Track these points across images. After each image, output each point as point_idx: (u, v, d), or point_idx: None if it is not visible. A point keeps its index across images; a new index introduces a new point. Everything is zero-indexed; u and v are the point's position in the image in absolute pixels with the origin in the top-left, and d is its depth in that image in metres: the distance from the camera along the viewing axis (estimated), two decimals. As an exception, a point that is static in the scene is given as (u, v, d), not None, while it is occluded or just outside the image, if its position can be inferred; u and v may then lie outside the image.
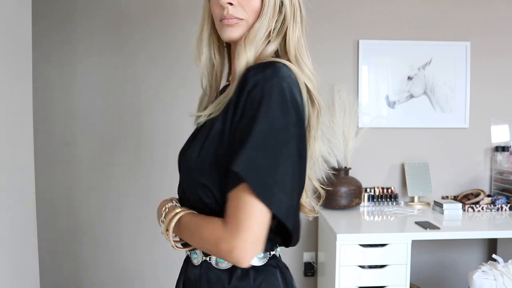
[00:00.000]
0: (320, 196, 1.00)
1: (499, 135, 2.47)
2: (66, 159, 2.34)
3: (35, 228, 1.63)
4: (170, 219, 0.88)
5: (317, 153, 0.93)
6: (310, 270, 2.41)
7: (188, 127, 1.02)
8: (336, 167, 2.32)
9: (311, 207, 0.99)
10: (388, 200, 2.39)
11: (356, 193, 2.25)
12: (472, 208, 2.25)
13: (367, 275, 1.86)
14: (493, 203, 2.27)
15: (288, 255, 2.40)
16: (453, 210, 2.20)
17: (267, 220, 0.76)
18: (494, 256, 1.84)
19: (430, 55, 2.41)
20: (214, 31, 0.94)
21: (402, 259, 1.84)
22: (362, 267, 1.86)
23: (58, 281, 2.36)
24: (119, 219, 2.36)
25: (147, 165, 2.35)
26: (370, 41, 2.39)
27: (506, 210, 2.26)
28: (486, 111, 2.46)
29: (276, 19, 0.88)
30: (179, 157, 0.94)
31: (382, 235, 1.88)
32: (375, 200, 2.38)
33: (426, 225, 1.93)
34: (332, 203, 2.24)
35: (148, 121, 2.35)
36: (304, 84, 0.85)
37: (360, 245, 1.85)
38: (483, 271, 1.78)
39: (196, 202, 0.87)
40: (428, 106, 2.43)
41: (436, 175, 2.43)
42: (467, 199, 2.34)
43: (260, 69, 0.80)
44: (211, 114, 0.87)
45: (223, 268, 0.88)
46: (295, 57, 0.89)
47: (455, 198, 2.40)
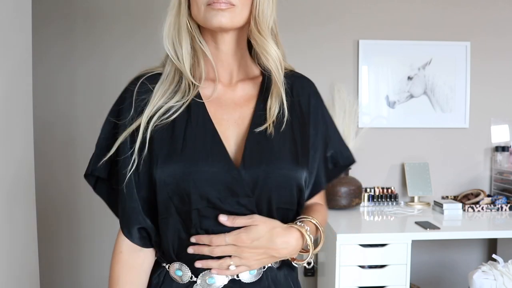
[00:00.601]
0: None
1: (499, 135, 2.47)
2: (66, 159, 2.34)
3: (35, 228, 1.63)
4: (315, 234, 0.91)
5: None
6: (310, 270, 2.41)
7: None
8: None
9: None
10: (388, 200, 2.39)
11: (356, 193, 2.25)
12: (472, 208, 2.25)
13: (367, 275, 1.85)
14: (493, 203, 2.27)
15: (288, 255, 2.40)
16: (453, 210, 2.20)
17: None
18: (494, 256, 1.84)
19: (430, 55, 2.41)
20: (191, 17, 0.84)
21: (402, 259, 1.84)
22: (362, 267, 1.86)
23: (58, 281, 2.36)
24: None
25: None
26: (370, 41, 2.39)
27: (506, 210, 2.26)
28: (486, 111, 2.46)
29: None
30: (258, 167, 0.88)
31: (382, 235, 1.88)
32: (375, 200, 2.38)
33: (426, 225, 1.93)
34: (332, 203, 2.24)
35: (148, 121, 2.34)
36: None
37: (360, 245, 1.84)
38: (483, 271, 1.78)
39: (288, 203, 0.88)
40: (428, 106, 2.43)
41: (436, 175, 2.43)
42: (467, 199, 2.34)
43: (301, 74, 0.98)
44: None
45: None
46: None
47: (455, 198, 2.40)
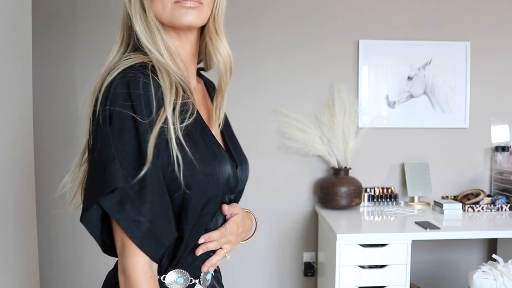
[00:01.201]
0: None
1: (499, 135, 2.47)
2: (66, 159, 2.33)
3: (35, 228, 1.63)
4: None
5: None
6: (310, 270, 2.41)
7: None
8: (336, 167, 2.32)
9: None
10: (388, 200, 2.39)
11: (356, 193, 2.25)
12: (472, 208, 2.25)
13: (367, 275, 1.86)
14: (493, 203, 2.27)
15: (288, 255, 2.40)
16: (453, 210, 2.20)
17: None
18: (494, 256, 1.84)
19: (430, 55, 2.41)
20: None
21: (402, 259, 1.85)
22: (362, 267, 1.86)
23: (58, 281, 2.36)
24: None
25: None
26: (370, 41, 2.39)
27: (506, 210, 2.26)
28: (486, 111, 2.46)
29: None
30: (245, 165, 0.92)
31: (382, 235, 1.88)
32: (375, 200, 2.38)
33: (426, 225, 1.93)
34: (332, 203, 2.24)
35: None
36: None
37: (360, 245, 1.85)
38: (483, 271, 1.78)
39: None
40: (428, 106, 2.43)
41: (436, 175, 2.43)
42: (467, 199, 2.34)
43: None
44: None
45: None
46: None
47: (455, 198, 2.40)
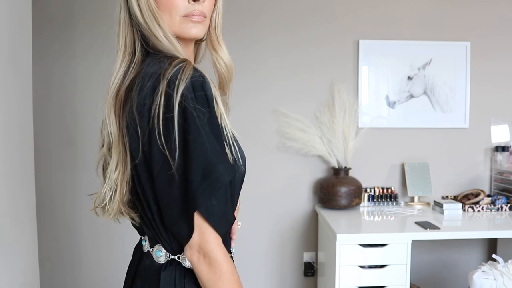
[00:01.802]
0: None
1: (499, 135, 2.47)
2: (66, 159, 2.34)
3: (35, 228, 1.64)
4: None
5: None
6: (310, 270, 2.41)
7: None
8: (336, 167, 2.32)
9: None
10: (388, 200, 2.39)
11: (356, 193, 2.25)
12: (472, 208, 2.25)
13: (367, 275, 1.86)
14: (493, 203, 2.27)
15: (288, 255, 2.40)
16: (453, 210, 2.20)
17: None
18: (494, 256, 1.84)
19: (430, 55, 2.41)
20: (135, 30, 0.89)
21: (402, 259, 1.85)
22: (362, 267, 1.86)
23: (58, 281, 2.36)
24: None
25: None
26: (370, 41, 2.39)
27: (506, 210, 2.26)
28: (486, 111, 2.46)
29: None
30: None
31: (382, 235, 1.88)
32: (375, 200, 2.38)
33: (426, 225, 1.93)
34: (332, 203, 2.24)
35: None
36: None
37: (360, 245, 1.85)
38: (483, 271, 1.78)
39: None
40: (428, 106, 2.43)
41: (436, 175, 2.43)
42: (467, 199, 2.34)
43: None
44: None
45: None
46: None
47: (455, 198, 2.40)
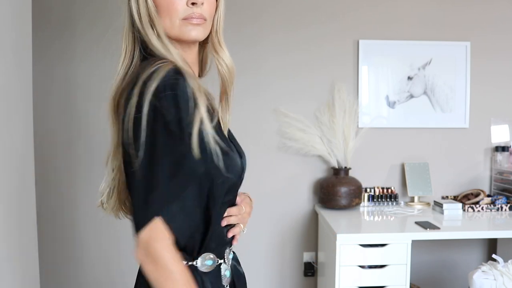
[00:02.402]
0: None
1: (499, 135, 2.47)
2: (66, 159, 2.34)
3: (35, 228, 1.63)
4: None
5: None
6: (310, 270, 2.41)
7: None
8: (336, 167, 2.32)
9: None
10: (388, 200, 2.39)
11: (356, 193, 2.25)
12: (472, 208, 2.25)
13: (367, 275, 1.86)
14: (493, 203, 2.27)
15: (288, 255, 2.40)
16: (453, 210, 2.20)
17: None
18: (494, 256, 1.84)
19: (430, 55, 2.41)
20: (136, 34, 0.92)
21: (402, 259, 1.85)
22: (362, 267, 1.86)
23: (58, 281, 2.36)
24: (119, 219, 2.35)
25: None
26: (370, 41, 2.39)
27: (506, 210, 2.26)
28: (486, 111, 2.46)
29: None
30: (245, 158, 0.99)
31: (382, 235, 1.88)
32: (375, 200, 2.38)
33: (426, 225, 1.93)
34: (332, 203, 2.24)
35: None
36: None
37: (360, 245, 1.85)
38: (483, 271, 1.78)
39: None
40: (428, 106, 2.43)
41: (436, 175, 2.43)
42: (467, 199, 2.34)
43: None
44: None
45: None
46: None
47: (455, 198, 2.40)
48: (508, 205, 2.26)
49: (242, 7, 2.33)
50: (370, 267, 1.87)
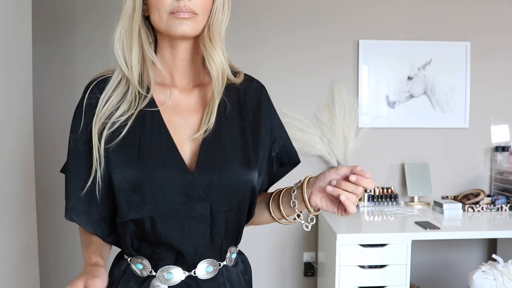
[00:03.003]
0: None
1: (499, 135, 2.47)
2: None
3: (35, 228, 1.63)
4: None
5: None
6: (310, 270, 2.41)
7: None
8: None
9: None
10: (388, 200, 2.39)
11: (356, 193, 2.25)
12: (472, 208, 2.25)
13: (367, 275, 1.86)
14: (493, 203, 2.27)
15: (288, 255, 2.40)
16: (453, 210, 2.20)
17: None
18: (494, 256, 1.84)
19: (430, 55, 2.41)
20: (145, 24, 0.88)
21: (402, 259, 1.85)
22: (362, 267, 1.86)
23: (58, 281, 2.36)
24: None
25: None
26: (370, 41, 2.39)
27: (506, 210, 2.26)
28: (486, 111, 2.46)
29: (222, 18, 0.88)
30: (216, 172, 0.93)
31: (382, 235, 1.88)
32: (375, 200, 2.38)
33: (426, 225, 1.93)
34: (332, 203, 2.24)
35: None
36: None
37: (360, 245, 1.85)
38: (483, 271, 1.78)
39: None
40: (428, 106, 2.43)
41: (436, 175, 2.43)
42: (467, 199, 2.34)
43: (251, 77, 1.03)
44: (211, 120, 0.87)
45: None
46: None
47: (455, 198, 2.40)
48: (508, 205, 2.26)
49: (242, 8, 2.33)
50: (370, 267, 1.87)
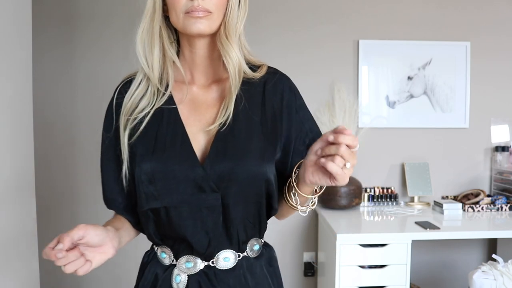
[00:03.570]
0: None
1: (499, 135, 2.47)
2: (66, 159, 2.34)
3: (35, 228, 1.63)
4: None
5: None
6: (310, 270, 2.41)
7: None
8: (336, 167, 2.32)
9: None
10: (388, 200, 2.39)
11: (356, 193, 2.25)
12: (472, 208, 2.25)
13: (367, 275, 1.86)
14: (493, 203, 2.27)
15: (288, 255, 2.40)
16: (453, 210, 2.20)
17: None
18: (494, 256, 1.84)
19: (430, 55, 2.41)
20: (165, 23, 0.91)
21: (402, 259, 1.85)
22: (362, 267, 1.86)
23: (58, 281, 2.36)
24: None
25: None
26: (370, 41, 2.39)
27: (506, 210, 2.26)
28: (486, 111, 2.46)
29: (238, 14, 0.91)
30: (222, 163, 0.95)
31: (382, 235, 1.88)
32: (375, 200, 2.38)
33: (426, 225, 1.93)
34: (332, 203, 2.24)
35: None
36: None
37: (360, 245, 1.85)
38: (483, 271, 1.78)
39: None
40: (428, 106, 2.43)
41: (436, 175, 2.43)
42: (467, 199, 2.34)
43: (275, 69, 1.03)
44: (229, 113, 0.89)
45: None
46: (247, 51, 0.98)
47: (455, 198, 2.40)
48: (508, 205, 2.26)
49: (242, 7, 2.33)
50: (370, 267, 1.87)
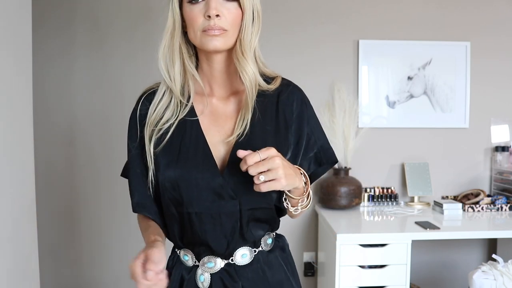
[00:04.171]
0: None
1: (499, 135, 2.47)
2: (66, 159, 2.34)
3: (35, 228, 1.63)
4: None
5: None
6: (310, 270, 2.41)
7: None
8: (336, 167, 2.32)
9: None
10: (388, 200, 2.39)
11: (356, 193, 2.25)
12: (472, 208, 2.25)
13: (367, 275, 1.86)
14: (493, 203, 2.27)
15: (288, 255, 2.40)
16: (453, 210, 2.20)
17: None
18: (494, 256, 1.84)
19: (430, 55, 2.41)
20: (184, 39, 0.97)
21: (402, 259, 1.85)
22: (362, 267, 1.86)
23: (58, 281, 2.36)
24: (119, 218, 2.35)
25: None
26: (370, 41, 2.39)
27: (506, 210, 2.26)
28: (486, 111, 2.46)
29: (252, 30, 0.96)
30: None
31: (382, 235, 1.88)
32: (375, 200, 2.38)
33: (426, 225, 1.93)
34: (332, 203, 2.24)
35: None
36: None
37: (360, 245, 1.85)
38: (483, 271, 1.78)
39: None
40: (428, 106, 2.43)
41: (436, 175, 2.43)
42: (467, 199, 2.34)
43: (288, 81, 1.03)
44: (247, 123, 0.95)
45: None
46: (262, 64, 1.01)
47: (455, 198, 2.40)
48: (508, 205, 2.26)
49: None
50: (370, 267, 1.87)
